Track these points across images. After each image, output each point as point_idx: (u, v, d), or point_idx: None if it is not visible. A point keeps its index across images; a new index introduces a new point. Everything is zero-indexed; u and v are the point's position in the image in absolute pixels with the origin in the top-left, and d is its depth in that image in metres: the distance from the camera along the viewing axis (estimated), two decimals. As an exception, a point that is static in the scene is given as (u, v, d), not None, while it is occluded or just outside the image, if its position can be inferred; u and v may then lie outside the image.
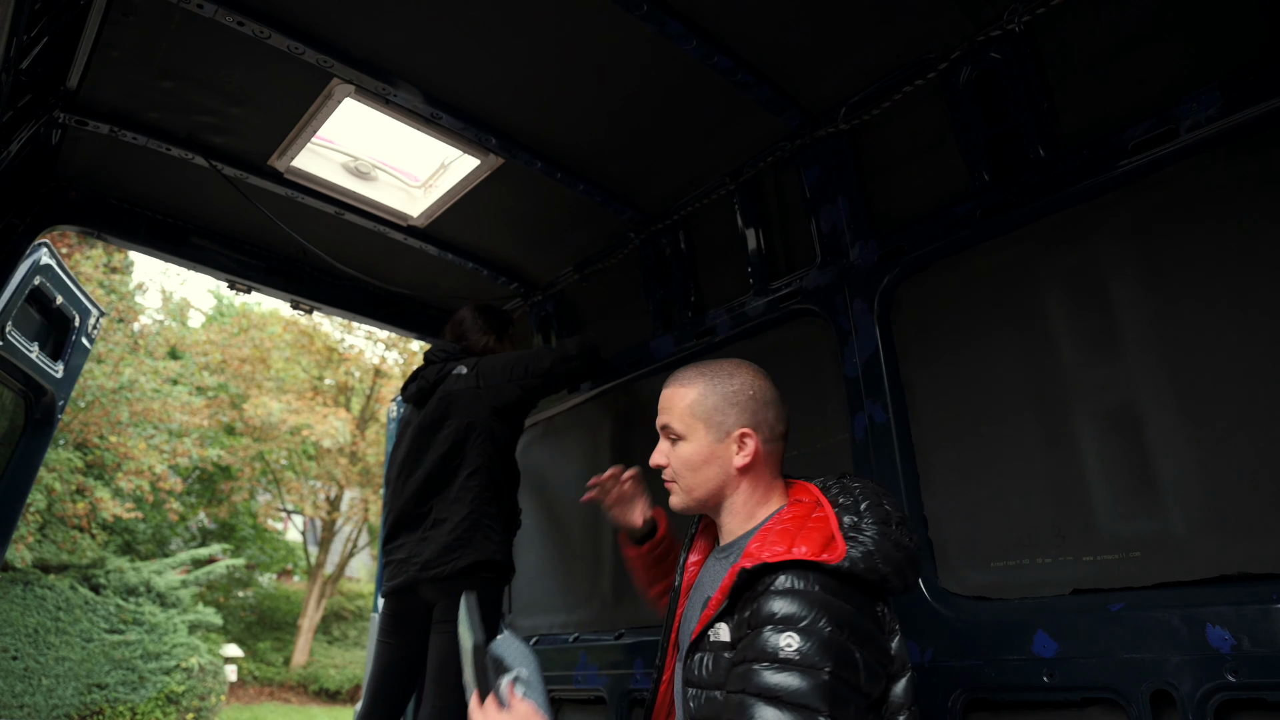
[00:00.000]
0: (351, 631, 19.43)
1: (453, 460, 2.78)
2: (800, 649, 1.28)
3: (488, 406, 2.82)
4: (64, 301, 3.26)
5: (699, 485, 1.65)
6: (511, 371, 2.87)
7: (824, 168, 2.54)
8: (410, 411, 3.04)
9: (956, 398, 2.17)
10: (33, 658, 11.39)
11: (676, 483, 1.67)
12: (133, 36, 2.24)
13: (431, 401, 2.88)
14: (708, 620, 1.47)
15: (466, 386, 2.84)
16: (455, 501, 2.74)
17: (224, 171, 2.79)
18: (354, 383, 19.08)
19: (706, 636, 1.47)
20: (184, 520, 17.61)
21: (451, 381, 2.87)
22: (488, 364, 2.91)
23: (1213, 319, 1.73)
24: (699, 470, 1.64)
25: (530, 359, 2.92)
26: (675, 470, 1.66)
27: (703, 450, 1.63)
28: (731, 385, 1.66)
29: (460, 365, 2.91)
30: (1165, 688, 1.60)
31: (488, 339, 3.10)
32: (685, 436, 1.65)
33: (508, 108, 2.55)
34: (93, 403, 12.74)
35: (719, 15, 2.15)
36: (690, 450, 1.64)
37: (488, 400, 2.83)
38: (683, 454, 1.65)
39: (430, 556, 2.68)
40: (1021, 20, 2.04)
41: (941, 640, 2.01)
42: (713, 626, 1.46)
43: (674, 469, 1.67)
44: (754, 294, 2.75)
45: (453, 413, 2.83)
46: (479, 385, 2.84)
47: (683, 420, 1.66)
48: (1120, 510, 1.83)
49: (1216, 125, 1.73)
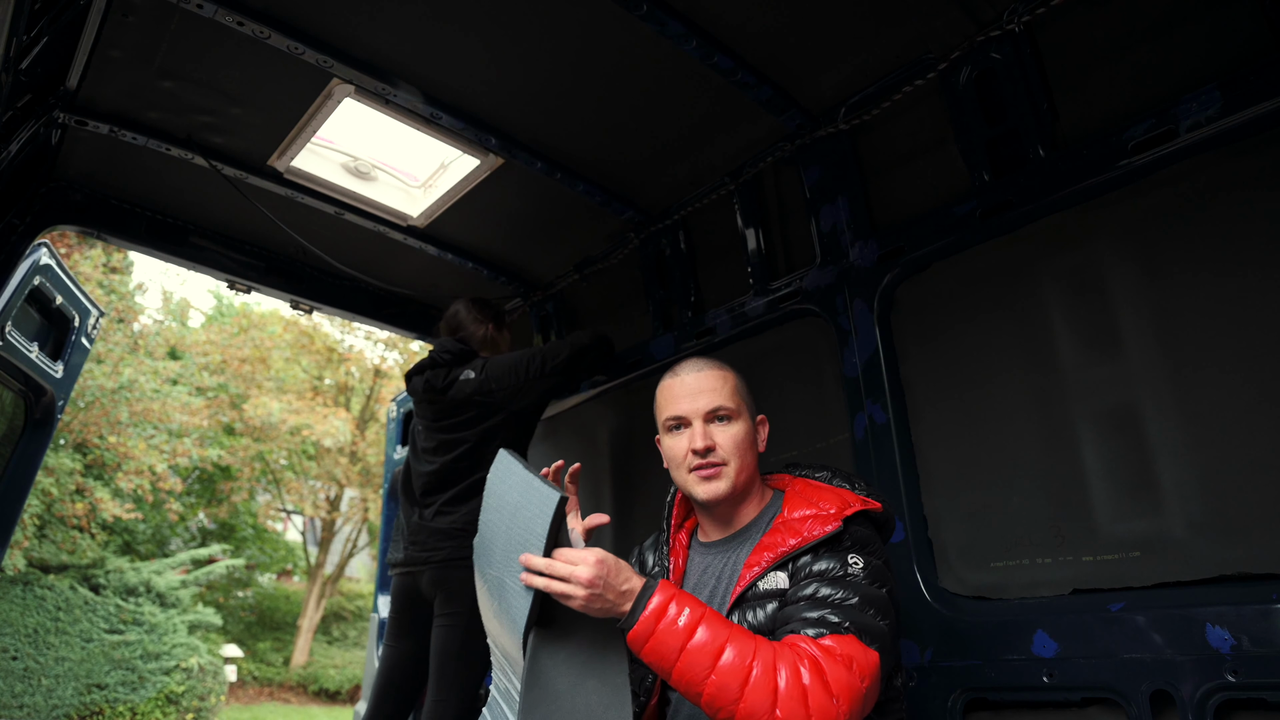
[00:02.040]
0: (351, 632, 19.42)
1: (464, 461, 2.75)
2: (864, 570, 1.45)
3: (503, 413, 2.76)
4: (64, 301, 3.26)
5: (745, 468, 1.65)
6: (528, 371, 2.78)
7: (824, 168, 2.54)
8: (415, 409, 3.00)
9: (956, 398, 2.17)
10: (32, 658, 11.38)
11: (727, 465, 1.63)
12: (132, 36, 2.24)
13: (442, 405, 2.81)
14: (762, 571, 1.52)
15: (477, 392, 2.75)
16: (460, 499, 2.72)
17: (224, 171, 2.79)
18: (354, 383, 19.07)
19: (755, 589, 1.52)
20: (184, 520, 17.60)
21: (460, 388, 2.78)
22: (496, 366, 2.80)
23: (1212, 319, 1.73)
24: (746, 453, 1.65)
25: (545, 355, 2.83)
26: (727, 452, 1.63)
27: (749, 432, 1.67)
28: (739, 374, 1.74)
29: (467, 369, 2.81)
30: (1165, 688, 1.60)
31: (485, 328, 3.01)
32: (737, 415, 1.66)
33: (508, 108, 2.55)
34: (92, 403, 12.73)
35: (719, 15, 2.15)
36: (742, 431, 1.65)
37: (503, 405, 2.75)
38: (736, 434, 1.64)
39: (428, 543, 2.69)
40: (1021, 20, 2.04)
41: (941, 640, 2.01)
42: (765, 577, 1.51)
43: (725, 450, 1.63)
44: (754, 294, 2.75)
45: (465, 419, 2.77)
46: (491, 389, 2.75)
47: (734, 399, 1.67)
48: (1120, 510, 1.83)
49: (1216, 125, 1.73)
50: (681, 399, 1.67)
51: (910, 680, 2.03)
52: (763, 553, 1.54)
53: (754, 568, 1.53)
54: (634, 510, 3.26)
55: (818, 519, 1.53)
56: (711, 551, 1.71)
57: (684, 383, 1.69)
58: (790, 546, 1.50)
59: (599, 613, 1.36)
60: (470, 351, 2.93)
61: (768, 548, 1.54)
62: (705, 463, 1.63)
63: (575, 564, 1.35)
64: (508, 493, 1.53)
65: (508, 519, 1.50)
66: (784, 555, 1.50)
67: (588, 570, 1.33)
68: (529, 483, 1.46)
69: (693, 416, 1.65)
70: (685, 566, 1.75)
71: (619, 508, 3.33)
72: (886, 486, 2.21)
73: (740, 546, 1.65)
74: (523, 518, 1.45)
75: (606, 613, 1.36)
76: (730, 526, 1.69)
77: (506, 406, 2.76)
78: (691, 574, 1.73)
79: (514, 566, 1.44)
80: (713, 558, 1.70)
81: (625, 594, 1.36)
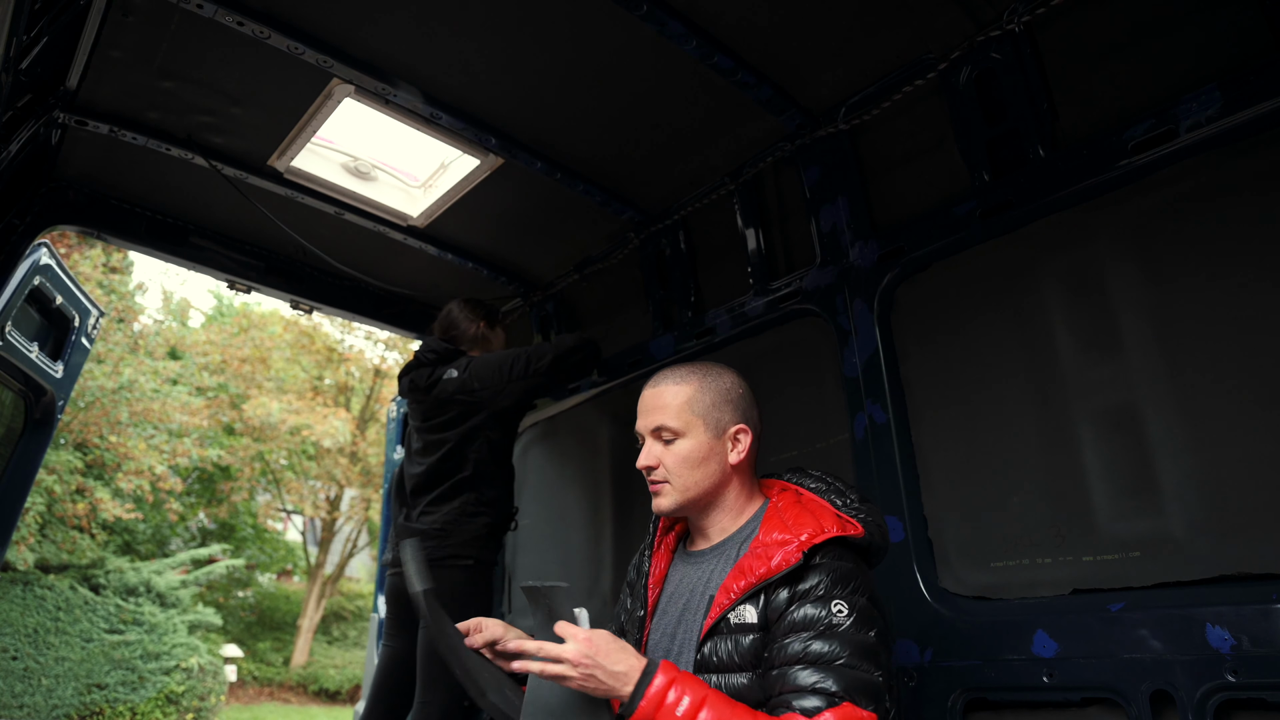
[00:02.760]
0: (351, 631, 19.41)
1: (447, 463, 2.77)
2: (848, 615, 1.40)
3: (485, 412, 2.77)
4: (64, 301, 3.26)
5: (695, 484, 1.63)
6: (511, 371, 2.79)
7: (824, 168, 2.54)
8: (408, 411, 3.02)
9: (956, 398, 2.17)
10: (32, 658, 11.38)
11: (669, 483, 1.64)
12: (132, 37, 2.24)
13: (427, 405, 2.84)
14: (730, 604, 1.49)
15: (459, 390, 2.77)
16: (443, 499, 2.74)
17: (224, 171, 2.79)
18: (354, 383, 19.07)
19: (726, 621, 1.49)
20: (184, 520, 17.60)
21: (443, 387, 2.80)
22: (479, 365, 2.82)
23: (1212, 319, 1.73)
24: (697, 468, 1.63)
25: (530, 356, 2.84)
26: (669, 469, 1.64)
27: (702, 447, 1.64)
28: (723, 383, 1.69)
29: (450, 368, 2.83)
30: (1165, 688, 1.60)
31: (477, 326, 3.01)
32: (683, 433, 1.64)
33: (507, 108, 2.55)
34: (92, 403, 12.73)
35: (719, 15, 2.15)
36: (689, 447, 1.63)
37: (485, 404, 2.77)
38: (680, 452, 1.63)
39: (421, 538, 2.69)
40: (1021, 20, 2.04)
41: (941, 640, 2.01)
42: (734, 610, 1.48)
43: (667, 468, 1.64)
44: (754, 294, 2.75)
45: (448, 419, 2.78)
46: (474, 388, 2.76)
47: (679, 417, 1.65)
48: (1120, 510, 1.83)
49: (1216, 125, 1.73)
50: (639, 414, 1.70)
51: (910, 680, 2.03)
52: (735, 580, 1.51)
53: (725, 597, 1.51)
54: (634, 510, 3.26)
55: (785, 546, 1.49)
56: (691, 561, 1.70)
57: (643, 397, 1.71)
58: (759, 577, 1.48)
59: (598, 692, 1.36)
60: (455, 351, 2.93)
61: (740, 574, 1.52)
62: (650, 480, 1.66)
63: (566, 640, 1.36)
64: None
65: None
66: (753, 586, 1.48)
67: (574, 648, 1.34)
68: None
69: (644, 432, 1.68)
70: (666, 571, 1.75)
71: (618, 508, 3.33)
72: (886, 486, 2.21)
73: (715, 562, 1.64)
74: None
75: (606, 693, 1.36)
76: (709, 538, 1.68)
77: (488, 406, 2.77)
78: (671, 580, 1.72)
79: None
80: (690, 568, 1.69)
81: (621, 676, 1.35)
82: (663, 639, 1.64)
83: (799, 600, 1.44)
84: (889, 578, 2.08)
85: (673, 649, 1.60)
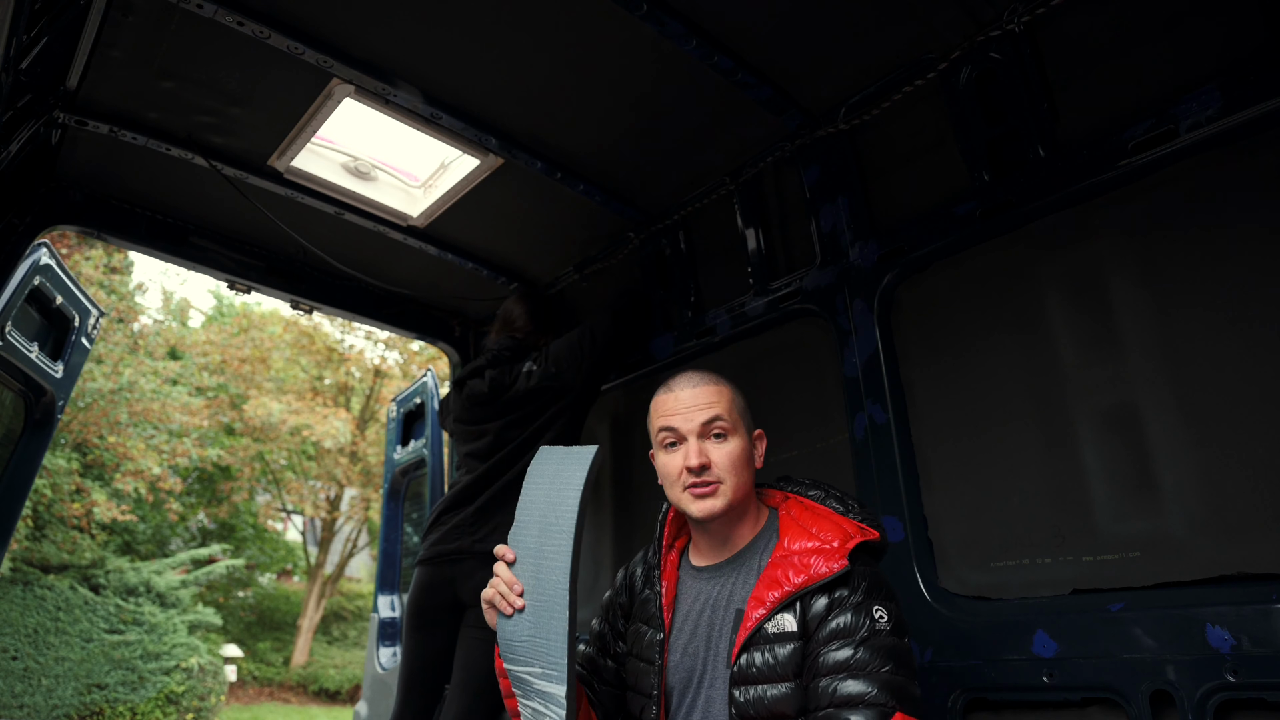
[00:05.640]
0: (351, 632, 19.42)
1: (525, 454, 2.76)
2: (889, 622, 1.41)
3: (572, 392, 2.84)
4: (64, 301, 3.26)
5: (740, 486, 1.58)
6: (581, 346, 2.87)
7: (824, 168, 2.54)
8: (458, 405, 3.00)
9: (956, 398, 2.17)
10: (32, 658, 11.38)
11: (722, 483, 1.56)
12: (132, 36, 2.24)
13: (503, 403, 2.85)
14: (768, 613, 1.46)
15: (543, 379, 2.82)
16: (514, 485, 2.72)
17: (224, 171, 2.79)
18: (354, 383, 19.07)
19: (764, 631, 1.46)
20: (184, 520, 17.61)
21: (523, 381, 2.84)
22: (556, 349, 2.90)
23: (1213, 319, 1.73)
24: (743, 470, 1.59)
25: (592, 326, 2.93)
26: (722, 470, 1.57)
27: (745, 449, 1.61)
28: (737, 388, 1.68)
29: (526, 363, 2.90)
30: (1165, 688, 1.60)
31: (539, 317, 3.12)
32: (733, 433, 1.60)
33: (508, 108, 2.55)
34: (92, 403, 12.73)
35: (719, 15, 2.15)
36: (738, 448, 1.59)
37: (573, 383, 2.84)
38: (732, 451, 1.58)
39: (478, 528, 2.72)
40: (1021, 20, 2.04)
41: (941, 640, 2.01)
42: (772, 620, 1.46)
43: (720, 469, 1.57)
44: (754, 294, 2.75)
45: (525, 414, 2.82)
46: (557, 371, 2.83)
47: (731, 415, 1.60)
48: (1120, 510, 1.83)
49: (1216, 125, 1.73)
50: (676, 414, 1.61)
51: (910, 680, 2.03)
52: (767, 590, 1.48)
53: (760, 607, 1.47)
54: (633, 510, 3.26)
55: (821, 554, 1.47)
56: (705, 577, 1.65)
57: (679, 398, 1.63)
58: (797, 585, 1.45)
59: None
60: (526, 345, 3.03)
61: (771, 584, 1.48)
62: (700, 480, 1.57)
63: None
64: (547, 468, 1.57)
65: (546, 486, 1.54)
66: (790, 595, 1.45)
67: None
68: (567, 452, 1.53)
69: (688, 433, 1.59)
70: (677, 590, 1.69)
71: (619, 509, 3.33)
72: (886, 486, 2.21)
73: (736, 574, 1.59)
74: (561, 478, 1.49)
75: None
76: (726, 549, 1.64)
77: (574, 385, 2.85)
78: (684, 599, 1.67)
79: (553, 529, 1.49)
80: (707, 584, 1.64)
81: None
82: (685, 658, 1.60)
83: (837, 607, 1.42)
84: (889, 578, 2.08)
85: (697, 668, 1.57)
